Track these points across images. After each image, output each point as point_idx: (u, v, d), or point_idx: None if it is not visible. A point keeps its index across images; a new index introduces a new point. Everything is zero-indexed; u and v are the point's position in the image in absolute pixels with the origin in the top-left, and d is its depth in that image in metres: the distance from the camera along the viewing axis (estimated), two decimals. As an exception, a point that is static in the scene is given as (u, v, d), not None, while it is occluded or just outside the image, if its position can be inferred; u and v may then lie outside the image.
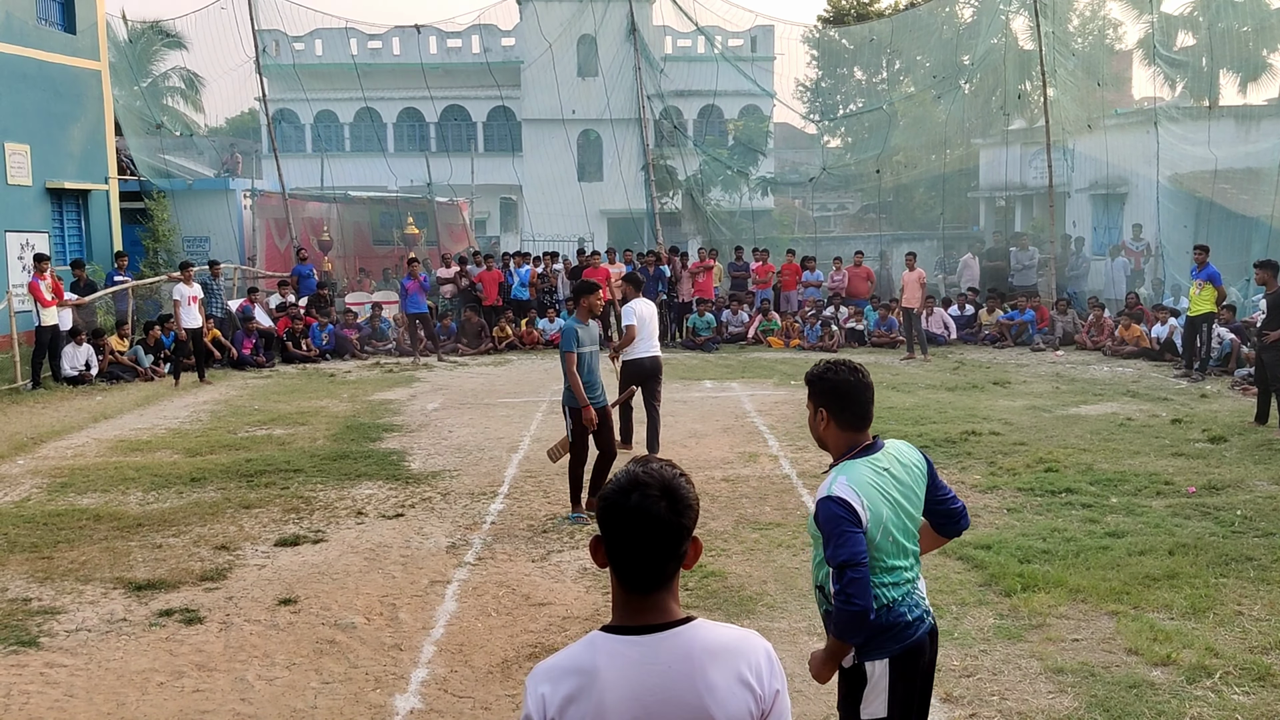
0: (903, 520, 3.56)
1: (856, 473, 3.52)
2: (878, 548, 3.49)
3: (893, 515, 3.51)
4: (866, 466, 3.54)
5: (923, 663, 3.64)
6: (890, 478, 3.56)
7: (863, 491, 3.46)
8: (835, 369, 3.64)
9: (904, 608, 3.55)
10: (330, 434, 12.56)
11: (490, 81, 33.18)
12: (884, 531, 3.49)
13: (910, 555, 3.60)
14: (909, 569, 3.60)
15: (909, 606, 3.57)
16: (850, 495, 3.43)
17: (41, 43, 21.71)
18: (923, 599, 3.65)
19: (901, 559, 3.56)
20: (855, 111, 31.69)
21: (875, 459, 3.57)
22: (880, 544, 3.49)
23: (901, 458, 3.65)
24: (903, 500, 3.57)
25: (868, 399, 3.63)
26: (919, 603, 3.61)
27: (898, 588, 3.55)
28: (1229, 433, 11.54)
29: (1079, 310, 21.08)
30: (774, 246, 26.41)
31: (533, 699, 2.22)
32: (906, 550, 3.58)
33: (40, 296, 16.38)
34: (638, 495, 2.23)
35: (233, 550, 8.02)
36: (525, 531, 8.45)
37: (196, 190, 25.94)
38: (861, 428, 3.63)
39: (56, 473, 10.70)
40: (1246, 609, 6.36)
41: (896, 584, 3.55)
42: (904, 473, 3.61)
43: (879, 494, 3.50)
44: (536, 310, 22.47)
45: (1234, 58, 24.22)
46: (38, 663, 6.03)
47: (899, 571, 3.56)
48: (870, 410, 3.64)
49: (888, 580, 3.53)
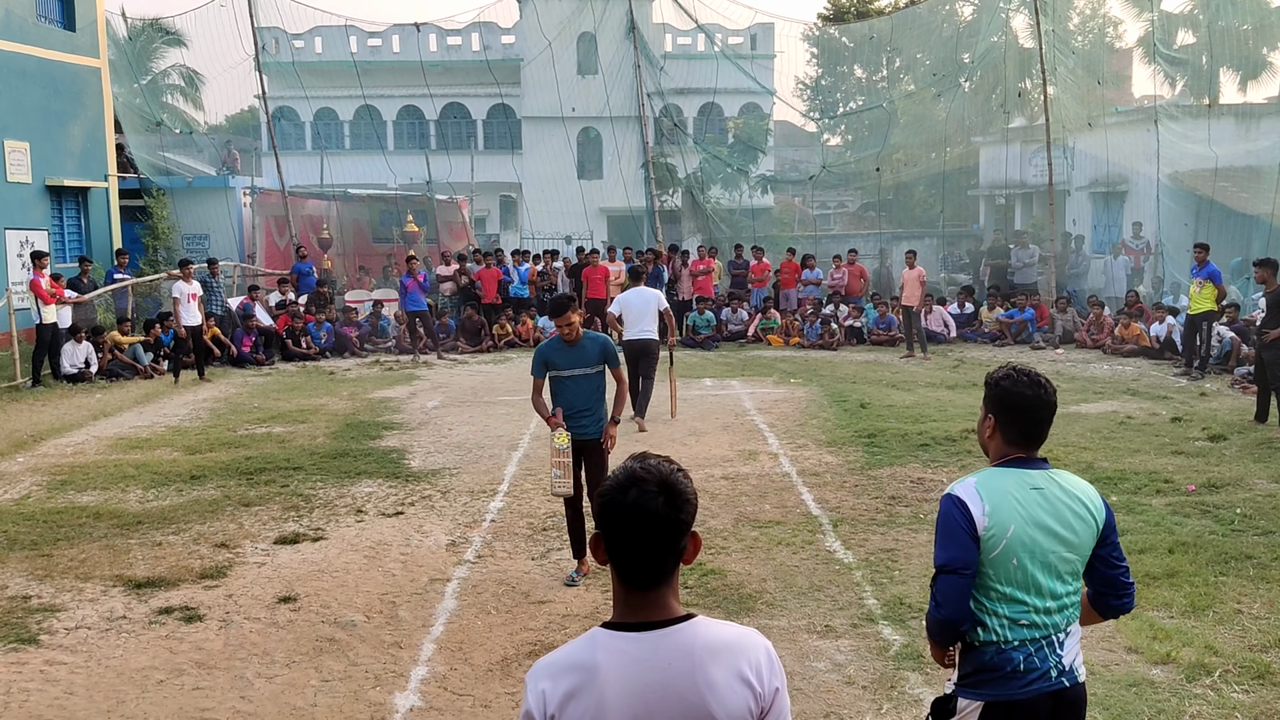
0: (1043, 550, 3.13)
1: (993, 479, 3.20)
2: (994, 566, 3.12)
3: (1027, 537, 3.11)
4: (1011, 477, 3.21)
5: None
6: (1041, 499, 3.17)
7: (989, 498, 3.13)
8: (1016, 378, 3.30)
9: (1018, 653, 3.13)
10: (330, 432, 12.56)
11: (490, 79, 33.15)
12: (1007, 550, 3.10)
13: (1047, 596, 3.15)
14: (1041, 611, 3.15)
15: (1027, 654, 3.14)
16: (971, 497, 3.14)
17: (41, 40, 21.70)
18: (1058, 655, 3.16)
19: (1029, 594, 3.13)
20: (855, 109, 31.66)
21: (1028, 474, 3.22)
22: (999, 563, 3.11)
23: (1072, 489, 3.24)
24: (1052, 527, 3.15)
25: (1044, 417, 3.27)
26: (1048, 657, 3.15)
27: (1016, 627, 3.14)
28: (1229, 431, 11.55)
29: (1079, 309, 21.08)
30: (774, 245, 26.40)
31: (533, 695, 2.22)
32: (1040, 587, 3.13)
33: (41, 293, 16.37)
34: (635, 491, 2.23)
35: (232, 548, 8.01)
36: (525, 529, 8.45)
37: (196, 188, 25.93)
38: (1027, 446, 3.28)
39: (56, 470, 10.70)
40: (1246, 607, 6.36)
41: (1015, 621, 3.14)
42: (1066, 504, 3.19)
43: (1015, 508, 3.13)
44: (536, 308, 22.48)
45: (1234, 56, 24.22)
46: (37, 660, 6.03)
47: (1020, 607, 3.14)
48: (1043, 429, 3.28)
49: (1003, 612, 3.14)
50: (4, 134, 20.69)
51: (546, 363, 7.39)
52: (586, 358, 7.38)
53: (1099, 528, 3.24)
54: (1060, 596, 3.17)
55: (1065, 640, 3.19)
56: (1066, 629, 3.20)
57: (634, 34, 27.74)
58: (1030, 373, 3.32)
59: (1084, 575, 3.27)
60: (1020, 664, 3.13)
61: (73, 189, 22.59)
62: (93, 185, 23.04)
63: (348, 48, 34.80)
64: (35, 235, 21.15)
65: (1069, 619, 3.20)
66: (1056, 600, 3.16)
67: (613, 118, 29.14)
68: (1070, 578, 3.20)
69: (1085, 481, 3.31)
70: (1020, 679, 3.13)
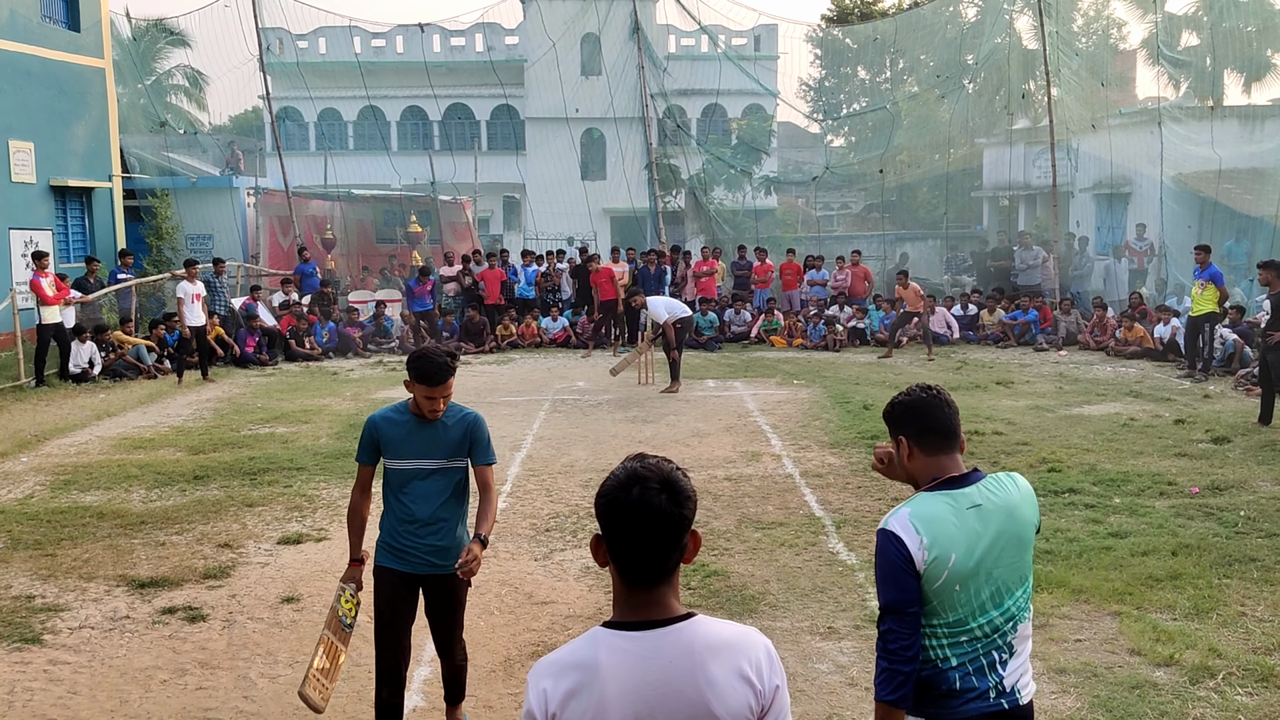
0: (988, 570, 3.04)
1: (926, 506, 3.07)
2: (938, 596, 3.01)
3: (970, 561, 3.01)
4: (944, 501, 3.08)
5: None
6: (979, 517, 3.07)
7: (926, 529, 3.01)
8: (909, 391, 3.27)
9: (956, 673, 3.04)
10: (333, 432, 12.57)
11: (494, 80, 33.18)
12: (950, 580, 3.00)
13: (993, 612, 3.06)
14: (985, 627, 3.06)
15: (965, 674, 3.05)
16: (906, 531, 3.01)
17: (46, 40, 21.73)
18: (999, 675, 3.07)
19: (971, 613, 3.04)
20: (859, 111, 31.67)
21: (963, 493, 3.09)
22: (943, 593, 3.01)
23: (1011, 495, 3.15)
24: (997, 545, 3.06)
25: (950, 414, 3.19)
26: (986, 677, 3.06)
27: (956, 647, 3.05)
28: (1232, 433, 11.53)
29: (1082, 310, 21.06)
30: (777, 246, 26.40)
31: (534, 694, 2.23)
32: (985, 606, 3.05)
33: (42, 294, 16.39)
34: (638, 489, 2.25)
35: (236, 548, 8.02)
36: (528, 530, 8.45)
37: (200, 188, 25.96)
38: (948, 449, 3.17)
39: (60, 470, 10.72)
40: (1250, 610, 6.35)
41: (955, 641, 3.05)
42: (1006, 515, 3.10)
43: (954, 535, 3.02)
44: (540, 309, 22.51)
45: (1238, 58, 24.22)
46: (41, 660, 6.04)
47: (960, 628, 3.04)
48: (955, 427, 3.19)
49: (942, 633, 3.05)
50: (9, 134, 20.73)
51: (377, 442, 4.91)
52: (441, 444, 4.82)
53: (1037, 527, 3.20)
54: (1007, 608, 3.08)
55: (1008, 660, 3.09)
56: (1012, 645, 3.10)
57: (637, 35, 27.76)
58: (920, 384, 3.27)
59: None
60: (956, 683, 3.05)
61: (77, 189, 22.62)
62: (97, 185, 23.06)
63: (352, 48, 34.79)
64: (40, 235, 21.18)
65: (1015, 627, 3.11)
66: (1003, 613, 3.08)
67: (616, 119, 29.15)
68: (1016, 586, 3.11)
69: (1021, 479, 3.22)
70: (957, 698, 3.05)
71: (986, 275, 24.80)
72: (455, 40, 38.82)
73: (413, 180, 29.09)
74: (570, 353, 20.74)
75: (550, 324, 22.04)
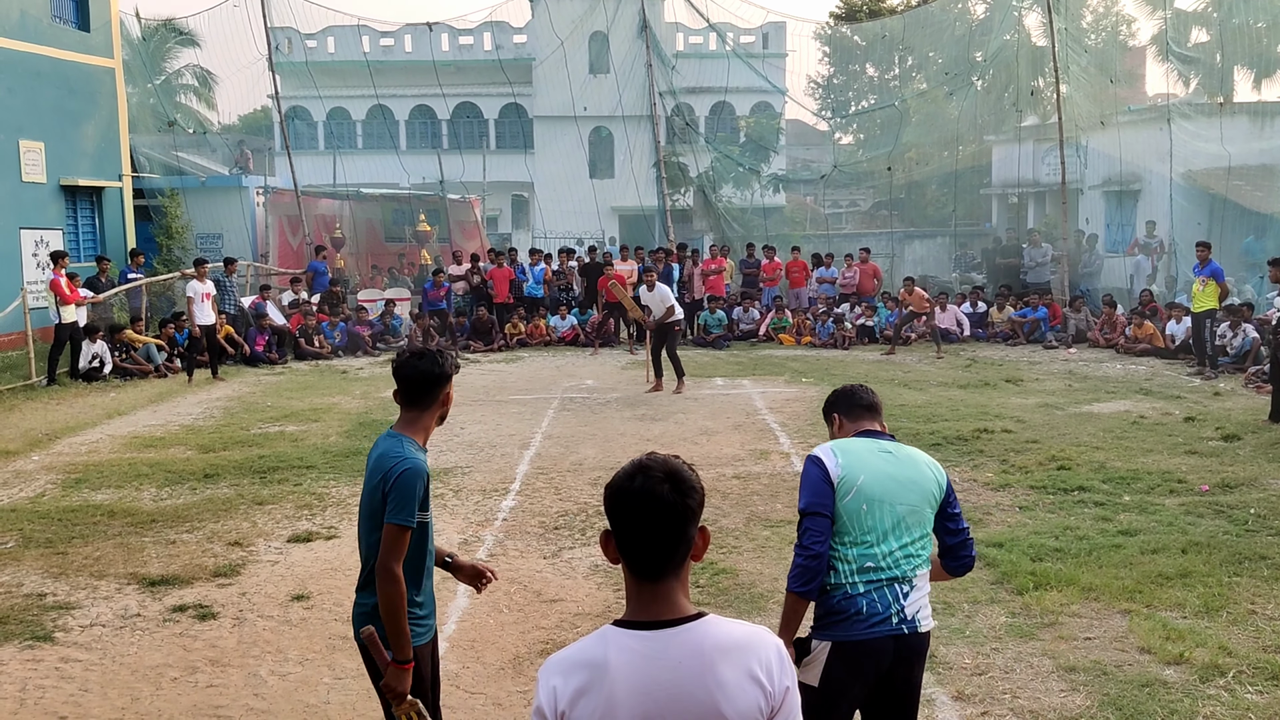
0: (891, 498, 3.53)
1: (847, 443, 3.69)
2: (847, 512, 3.51)
3: (877, 486, 3.53)
4: (862, 442, 3.69)
5: (880, 666, 3.51)
6: (890, 458, 3.63)
7: (843, 455, 3.59)
8: (838, 388, 4.05)
9: (863, 599, 3.48)
10: (343, 430, 12.60)
11: (502, 78, 33.18)
12: (858, 497, 3.51)
13: (893, 542, 3.52)
14: (886, 557, 3.50)
15: (870, 600, 3.48)
16: (826, 454, 3.60)
17: (56, 40, 21.81)
18: (900, 604, 3.50)
19: (876, 542, 3.50)
20: (867, 108, 31.64)
21: (874, 441, 3.70)
22: (851, 509, 3.51)
23: (916, 456, 3.70)
24: (899, 478, 3.58)
25: (871, 393, 3.90)
26: (890, 604, 3.49)
27: (863, 574, 3.49)
28: (1242, 431, 11.49)
29: (1092, 308, 21.01)
30: (785, 244, 26.37)
31: (544, 691, 2.23)
32: (886, 534, 3.51)
33: (61, 293, 16.46)
34: (642, 478, 2.28)
35: (246, 546, 8.05)
36: (537, 528, 8.46)
37: (210, 187, 26.02)
38: (869, 417, 3.81)
39: (71, 469, 10.76)
40: (1260, 608, 6.34)
41: (862, 568, 3.49)
42: (911, 466, 3.64)
43: (865, 462, 3.57)
44: (549, 308, 22.53)
45: (1248, 54, 24.09)
46: (53, 657, 6.07)
47: (867, 553, 3.49)
48: (876, 401, 3.87)
49: (851, 557, 3.50)
50: (19, 134, 20.81)
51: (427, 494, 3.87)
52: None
53: (942, 492, 3.65)
54: (906, 544, 3.53)
55: (909, 592, 3.52)
56: (912, 580, 3.53)
57: (646, 33, 27.75)
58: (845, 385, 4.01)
59: (935, 535, 3.69)
60: (864, 608, 3.47)
61: (87, 189, 22.70)
62: (107, 185, 23.14)
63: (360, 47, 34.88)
64: (50, 235, 21.26)
65: (915, 568, 3.54)
66: (902, 548, 3.52)
67: (624, 117, 29.16)
68: (915, 528, 3.57)
69: (929, 456, 3.76)
70: (864, 621, 3.47)
71: (995, 273, 24.75)
72: (463, 39, 38.87)
73: (421, 179, 29.13)
74: (579, 351, 20.76)
75: (559, 322, 22.06)
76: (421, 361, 3.84)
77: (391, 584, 3.61)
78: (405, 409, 3.91)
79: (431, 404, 3.89)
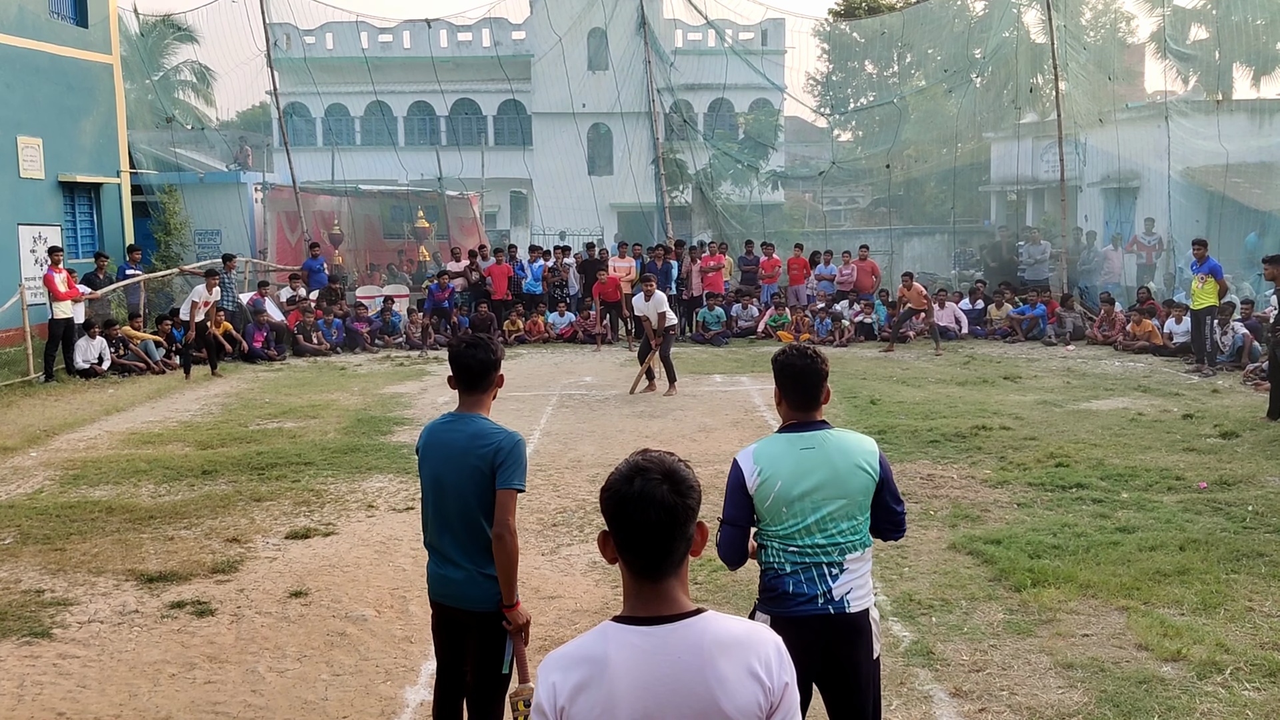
0: (813, 500, 3.66)
1: (766, 443, 3.78)
2: (768, 514, 3.70)
3: (795, 489, 3.65)
4: (782, 440, 3.77)
5: (812, 642, 3.63)
6: (813, 456, 3.70)
7: (761, 461, 3.70)
8: (788, 352, 3.90)
9: (790, 579, 3.69)
10: (341, 427, 12.60)
11: (500, 75, 33.17)
12: (776, 500, 3.66)
13: (817, 534, 3.68)
14: (810, 547, 3.68)
15: (797, 581, 3.69)
16: (745, 460, 3.74)
17: (54, 36, 21.77)
18: (828, 585, 3.68)
19: (799, 536, 3.68)
20: (866, 105, 31.61)
21: (799, 436, 3.76)
22: (771, 512, 3.69)
23: (848, 445, 3.76)
24: (821, 482, 3.67)
25: (813, 383, 3.84)
26: (816, 585, 3.68)
27: (787, 554, 3.70)
28: (1241, 428, 11.50)
29: (1090, 305, 21.00)
30: (784, 241, 26.37)
31: (544, 687, 2.23)
32: (810, 529, 3.67)
33: (54, 289, 16.44)
34: (640, 480, 2.28)
35: (244, 543, 8.05)
36: (535, 525, 8.46)
37: (208, 183, 25.99)
38: (804, 408, 3.84)
39: (69, 465, 10.76)
40: (1258, 605, 6.34)
41: (787, 551, 3.71)
42: (840, 458, 3.71)
43: (782, 467, 3.67)
44: (547, 304, 22.53)
45: (1246, 51, 24.11)
46: (51, 654, 6.07)
47: (792, 542, 3.69)
48: (814, 394, 3.84)
49: (777, 546, 3.73)
50: (17, 130, 20.77)
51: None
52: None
53: (875, 480, 3.74)
54: (833, 535, 3.69)
55: (839, 574, 3.70)
56: (841, 563, 3.70)
57: (644, 30, 27.71)
58: (803, 348, 3.89)
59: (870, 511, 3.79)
60: (790, 588, 3.70)
61: (85, 185, 22.66)
62: (105, 181, 23.10)
63: (359, 44, 34.86)
64: (48, 231, 21.23)
65: (845, 553, 3.70)
66: (829, 539, 3.68)
67: (623, 113, 29.13)
68: (843, 520, 3.70)
69: (865, 437, 3.84)
70: (791, 600, 3.69)
71: (993, 270, 24.75)
72: (462, 36, 38.86)
73: (420, 175, 29.11)
74: (577, 348, 20.75)
75: (557, 319, 22.06)
76: (478, 351, 4.27)
77: (514, 540, 4.12)
78: (466, 393, 4.32)
79: (490, 386, 4.34)
